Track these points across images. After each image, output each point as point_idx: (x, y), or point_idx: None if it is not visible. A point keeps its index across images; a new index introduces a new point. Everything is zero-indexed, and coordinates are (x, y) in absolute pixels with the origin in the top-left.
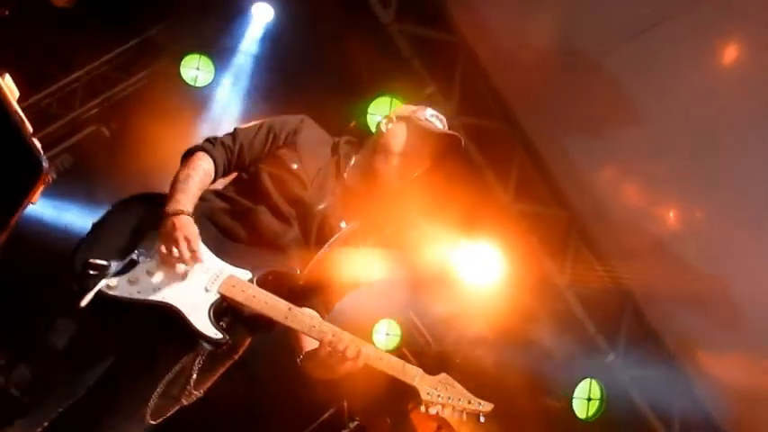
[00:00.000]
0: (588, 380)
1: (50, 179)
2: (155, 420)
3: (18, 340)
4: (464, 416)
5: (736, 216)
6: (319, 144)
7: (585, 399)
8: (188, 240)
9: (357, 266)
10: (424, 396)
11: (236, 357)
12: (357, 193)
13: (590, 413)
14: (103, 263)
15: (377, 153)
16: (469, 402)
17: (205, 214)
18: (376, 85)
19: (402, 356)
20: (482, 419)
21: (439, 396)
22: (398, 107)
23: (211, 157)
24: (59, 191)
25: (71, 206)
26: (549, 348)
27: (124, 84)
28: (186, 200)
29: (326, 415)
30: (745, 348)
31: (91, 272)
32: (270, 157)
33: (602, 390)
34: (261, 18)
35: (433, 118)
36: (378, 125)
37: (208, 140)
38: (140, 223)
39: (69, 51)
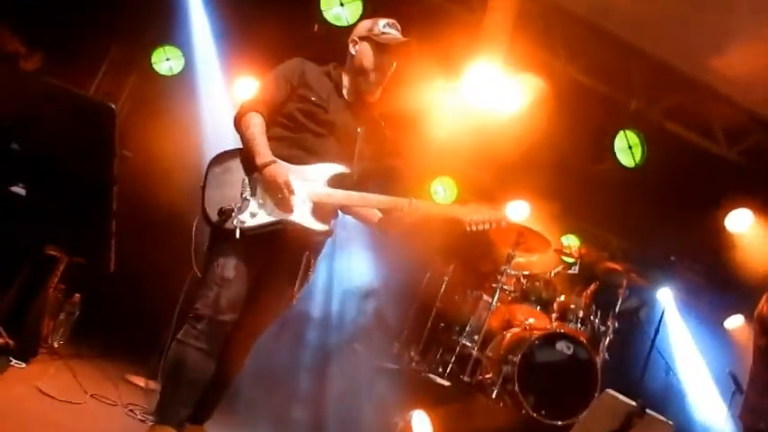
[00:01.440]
0: (622, 131)
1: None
2: (295, 301)
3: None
4: (493, 225)
5: None
6: (320, 75)
7: (627, 148)
8: (286, 183)
9: (383, 153)
10: (467, 220)
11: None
12: (358, 105)
13: (637, 159)
14: (231, 207)
15: (356, 74)
16: (492, 215)
17: (274, 153)
18: None
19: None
20: (504, 224)
21: (475, 217)
22: (357, 27)
23: (259, 113)
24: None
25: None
26: (576, 121)
27: (118, 105)
28: (266, 150)
29: (427, 276)
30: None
31: (224, 217)
32: (294, 97)
33: (638, 135)
34: None
35: (387, 28)
36: (349, 49)
37: (246, 103)
38: (234, 172)
39: None
